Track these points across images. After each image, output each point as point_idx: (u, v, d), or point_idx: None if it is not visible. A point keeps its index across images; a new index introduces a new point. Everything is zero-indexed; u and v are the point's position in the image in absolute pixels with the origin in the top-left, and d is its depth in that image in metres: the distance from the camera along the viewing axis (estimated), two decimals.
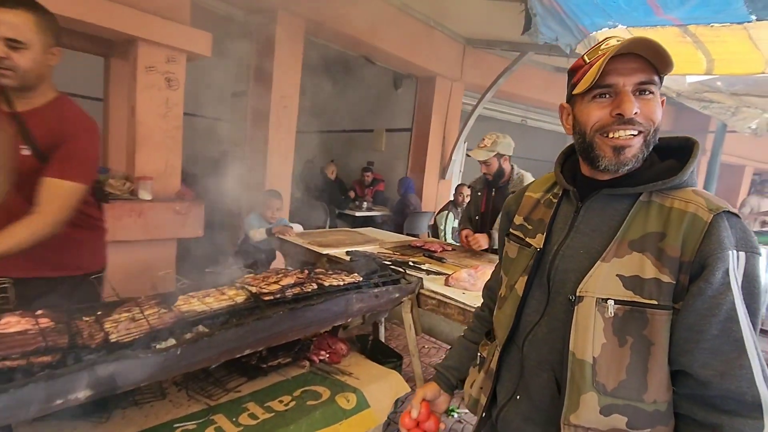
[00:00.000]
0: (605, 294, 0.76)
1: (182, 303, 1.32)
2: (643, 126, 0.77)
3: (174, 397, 1.42)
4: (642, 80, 0.76)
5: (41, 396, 0.94)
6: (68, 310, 1.21)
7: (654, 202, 0.78)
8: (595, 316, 0.76)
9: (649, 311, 0.73)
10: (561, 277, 0.83)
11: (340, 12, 4.19)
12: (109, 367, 1.03)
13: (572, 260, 0.82)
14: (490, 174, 2.67)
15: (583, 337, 0.77)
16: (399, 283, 1.90)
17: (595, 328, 0.76)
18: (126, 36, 2.43)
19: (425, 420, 1.01)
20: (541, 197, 0.97)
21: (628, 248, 0.76)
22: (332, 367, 1.75)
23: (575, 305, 0.78)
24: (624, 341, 0.74)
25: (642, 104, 0.76)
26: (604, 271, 0.77)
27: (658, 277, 0.73)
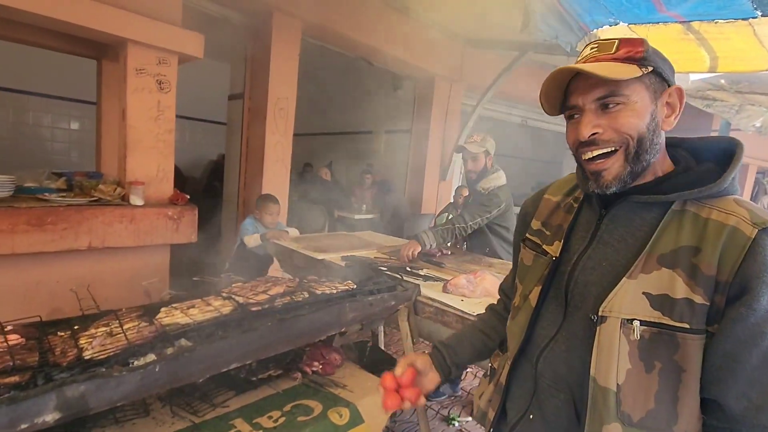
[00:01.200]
0: (630, 314, 0.69)
1: (164, 315, 1.25)
2: (614, 141, 0.72)
3: (158, 413, 1.36)
4: (600, 95, 0.71)
5: (4, 420, 0.87)
6: (42, 324, 1.14)
7: (688, 212, 0.71)
8: (619, 339, 0.69)
9: (680, 335, 0.66)
10: (581, 291, 0.77)
11: (337, 13, 4.14)
12: (79, 387, 0.97)
13: (594, 273, 0.76)
14: (476, 171, 2.67)
15: (606, 363, 0.70)
16: (395, 291, 1.83)
17: (620, 352, 0.69)
18: (115, 38, 2.37)
19: (407, 386, 0.93)
20: (561, 201, 0.90)
21: (657, 263, 0.69)
22: (325, 378, 1.68)
23: (597, 326, 0.72)
24: (651, 367, 0.68)
25: (609, 118, 0.72)
26: (630, 289, 0.70)
27: (691, 297, 0.66)
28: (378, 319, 1.86)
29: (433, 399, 2.83)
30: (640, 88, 0.71)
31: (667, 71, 0.73)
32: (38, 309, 1.36)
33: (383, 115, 6.63)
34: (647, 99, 0.71)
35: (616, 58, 0.71)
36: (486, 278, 1.92)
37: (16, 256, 2.15)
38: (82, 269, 2.42)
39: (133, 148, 2.56)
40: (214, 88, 5.95)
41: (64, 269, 2.36)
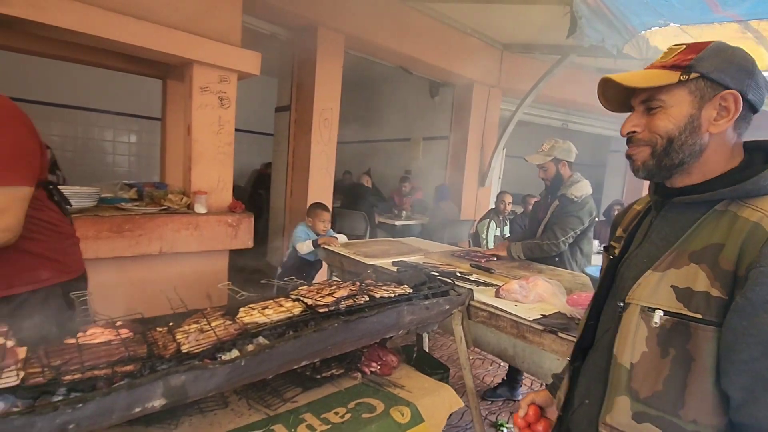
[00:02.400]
0: (653, 303, 0.75)
1: (244, 315, 1.37)
2: (646, 141, 0.79)
3: (235, 406, 1.48)
4: (643, 98, 0.79)
5: (123, 404, 1.00)
6: (143, 321, 1.28)
7: (729, 212, 0.73)
8: (638, 323, 0.76)
9: (693, 325, 0.70)
10: (621, 285, 0.84)
11: (378, 26, 4.27)
12: (181, 377, 1.08)
13: (634, 269, 0.82)
14: (548, 179, 2.66)
15: (623, 342, 0.78)
16: (449, 295, 1.89)
17: (637, 335, 0.76)
18: (183, 59, 2.58)
19: (535, 421, 1.04)
20: (642, 209, 0.95)
21: (688, 259, 0.73)
22: (384, 379, 1.76)
23: (623, 312, 0.80)
24: (666, 353, 0.73)
25: (647, 120, 0.79)
26: (653, 280, 0.76)
27: (709, 290, 0.69)
28: (433, 322, 1.91)
29: (490, 398, 2.86)
30: (681, 93, 0.75)
31: (726, 76, 0.73)
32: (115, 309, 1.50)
33: (421, 122, 6.70)
34: (687, 104, 0.75)
35: (665, 65, 0.77)
36: (539, 284, 1.94)
37: (99, 260, 2.37)
38: (152, 272, 2.62)
39: (197, 160, 2.76)
40: (259, 100, 6.25)
41: (137, 272, 2.57)
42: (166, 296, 1.48)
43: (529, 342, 1.66)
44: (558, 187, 2.65)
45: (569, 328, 1.58)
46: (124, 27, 2.30)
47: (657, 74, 0.76)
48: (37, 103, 5.38)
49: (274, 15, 3.79)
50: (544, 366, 1.71)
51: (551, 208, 2.67)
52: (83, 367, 0.98)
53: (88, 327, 1.16)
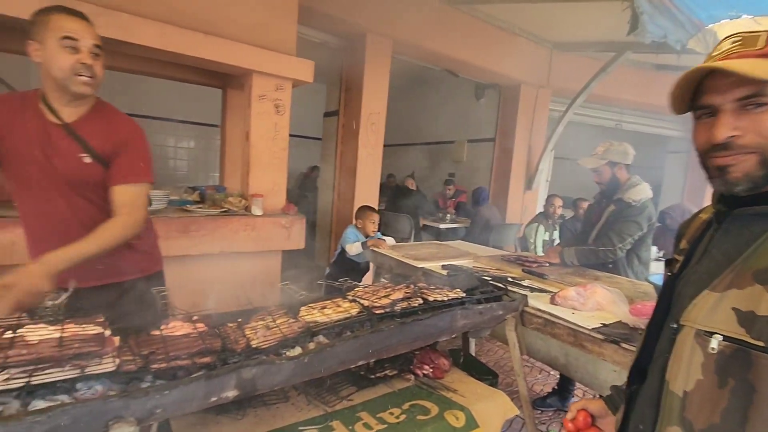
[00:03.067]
0: (710, 327, 0.67)
1: (305, 313, 1.43)
2: (752, 146, 0.66)
3: (295, 401, 1.54)
4: (744, 94, 0.65)
5: (202, 393, 1.08)
6: (214, 315, 1.38)
7: None
8: (692, 348, 0.70)
9: (755, 353, 0.62)
10: (678, 304, 0.77)
11: (425, 30, 4.29)
12: (252, 370, 1.15)
13: (693, 287, 0.74)
14: (602, 183, 2.56)
15: (676, 368, 0.72)
16: (502, 300, 1.87)
17: (692, 361, 0.69)
18: (244, 70, 2.73)
19: (584, 428, 1.01)
20: (708, 218, 0.87)
21: (752, 279, 0.65)
22: (436, 382, 1.76)
23: (676, 334, 0.74)
24: (725, 383, 0.66)
25: (749, 121, 0.66)
26: (710, 302, 0.69)
27: None
28: (486, 327, 1.90)
29: (540, 408, 2.79)
30: None
31: None
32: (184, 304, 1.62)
33: (466, 125, 6.64)
34: None
35: (764, 53, 0.65)
36: (597, 291, 1.87)
37: (167, 258, 2.55)
38: (212, 271, 2.78)
39: (254, 164, 2.91)
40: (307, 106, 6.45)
41: (200, 271, 2.73)
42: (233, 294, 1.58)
43: (588, 351, 1.61)
44: (614, 191, 2.54)
45: (632, 339, 1.52)
46: (196, 42, 2.47)
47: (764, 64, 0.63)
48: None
49: (325, 24, 3.91)
50: (600, 377, 1.65)
51: (606, 213, 2.56)
52: (168, 357, 1.07)
53: (169, 320, 1.26)
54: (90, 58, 1.30)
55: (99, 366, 1.02)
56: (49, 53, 1.26)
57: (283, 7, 2.84)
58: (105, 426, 0.94)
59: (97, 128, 1.39)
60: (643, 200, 2.43)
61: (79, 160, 1.36)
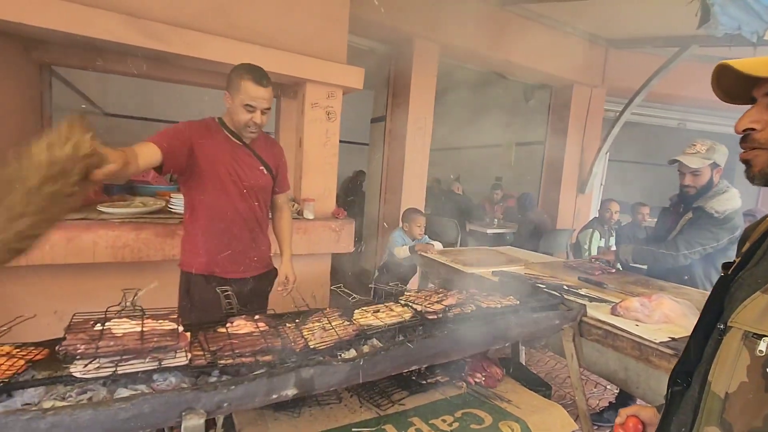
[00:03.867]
0: (760, 329, 0.65)
1: (359, 317, 1.45)
2: (761, 143, 0.68)
3: (348, 402, 1.57)
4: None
5: (264, 390, 1.13)
6: (274, 316, 1.43)
7: None
8: (739, 350, 0.67)
9: None
10: (730, 306, 0.74)
11: (473, 33, 4.24)
12: (310, 370, 1.19)
13: (746, 289, 0.72)
14: (696, 187, 2.22)
15: (721, 369, 0.70)
16: (558, 309, 1.80)
17: (738, 363, 0.67)
18: (297, 79, 2.83)
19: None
20: None
21: None
22: (489, 391, 1.73)
23: (723, 335, 0.71)
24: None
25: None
26: (762, 304, 0.67)
27: None
28: (541, 336, 1.84)
29: (596, 423, 2.65)
30: None
31: None
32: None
33: (514, 127, 6.47)
34: None
35: None
36: (664, 303, 1.76)
37: None
38: None
39: (307, 170, 3.00)
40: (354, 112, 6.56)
41: None
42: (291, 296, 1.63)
43: (656, 367, 1.52)
44: (699, 197, 2.24)
45: None
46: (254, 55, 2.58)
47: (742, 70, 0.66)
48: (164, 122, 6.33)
49: (373, 31, 3.97)
50: (662, 392, 1.54)
51: (682, 222, 2.30)
52: (234, 354, 1.13)
53: (234, 318, 1.33)
54: (259, 118, 1.75)
55: (174, 359, 1.09)
56: (234, 108, 1.74)
57: (335, 17, 2.92)
58: (179, 416, 1.01)
59: (266, 150, 1.92)
60: (728, 212, 2.15)
61: (259, 171, 1.87)
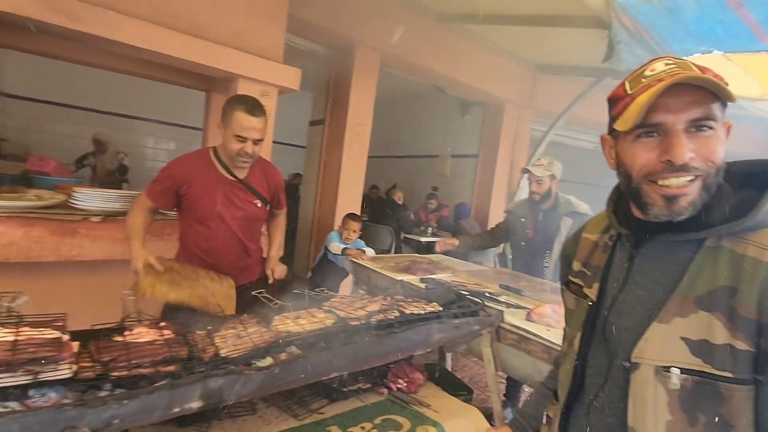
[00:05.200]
0: (666, 361, 0.65)
1: (278, 323, 1.40)
2: (700, 170, 0.65)
3: (263, 413, 1.50)
4: (697, 116, 0.64)
5: (164, 403, 1.03)
6: (184, 323, 1.33)
7: (724, 248, 0.65)
8: (654, 387, 0.65)
9: (724, 386, 0.60)
10: (618, 336, 0.73)
11: (414, 45, 4.35)
12: (219, 380, 1.11)
13: (629, 318, 0.72)
14: (539, 193, 2.66)
15: (641, 412, 0.67)
16: (478, 315, 1.87)
17: (657, 402, 0.65)
18: (229, 74, 2.71)
19: None
20: (599, 239, 0.86)
21: (694, 306, 0.64)
22: (410, 396, 1.74)
23: (631, 373, 0.69)
24: (695, 420, 0.62)
25: (698, 144, 0.65)
26: (661, 334, 0.66)
27: (732, 343, 0.60)
28: (461, 342, 1.90)
29: None
30: (720, 116, 0.66)
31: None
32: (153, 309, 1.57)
33: (451, 139, 6.73)
34: (721, 128, 0.67)
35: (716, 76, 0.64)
36: None
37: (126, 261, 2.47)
38: None
39: None
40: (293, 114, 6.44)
41: None
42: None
43: None
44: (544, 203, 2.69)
45: None
46: (181, 44, 2.44)
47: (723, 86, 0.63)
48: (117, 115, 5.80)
49: (315, 33, 3.93)
50: None
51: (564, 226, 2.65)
52: (130, 365, 1.02)
53: (134, 326, 1.21)
54: (251, 148, 1.77)
55: (55, 372, 0.97)
56: (226, 138, 1.76)
57: (272, 14, 2.84)
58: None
59: (261, 178, 1.95)
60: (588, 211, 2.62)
61: (253, 205, 1.92)
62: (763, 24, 2.20)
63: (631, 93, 0.69)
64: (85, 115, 5.79)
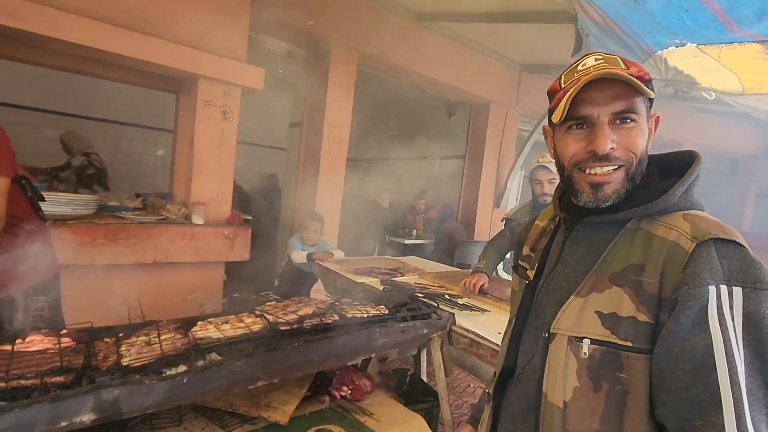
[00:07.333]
0: (579, 332, 0.70)
1: (199, 329, 1.32)
2: (623, 160, 0.70)
3: (189, 424, 1.42)
4: (620, 109, 0.69)
5: (46, 417, 0.96)
6: (93, 330, 1.26)
7: (642, 230, 0.71)
8: (567, 355, 0.70)
9: (624, 354, 0.65)
10: (542, 312, 0.78)
11: (391, 44, 4.29)
12: (114, 391, 1.04)
13: (554, 294, 0.77)
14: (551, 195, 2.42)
15: (554, 379, 0.72)
16: (429, 318, 1.79)
17: (567, 369, 0.70)
18: (189, 74, 2.66)
19: None
20: (546, 225, 0.92)
21: (608, 282, 0.69)
22: (353, 404, 1.66)
23: (548, 343, 0.74)
24: (599, 387, 0.67)
25: (621, 135, 0.70)
26: (577, 307, 0.71)
27: (635, 315, 0.65)
28: (411, 347, 1.82)
29: None
30: (644, 109, 0.71)
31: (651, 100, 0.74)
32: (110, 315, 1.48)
33: (437, 141, 6.66)
34: (646, 121, 0.72)
35: (631, 75, 0.68)
36: None
37: (95, 267, 2.41)
38: (147, 281, 2.64)
39: (198, 171, 2.80)
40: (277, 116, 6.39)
41: (132, 280, 2.59)
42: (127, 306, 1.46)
43: None
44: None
45: None
46: (131, 42, 2.39)
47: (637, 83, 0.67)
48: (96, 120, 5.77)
49: (289, 34, 3.87)
50: None
51: None
52: (7, 376, 0.95)
53: (28, 334, 1.14)
54: None
55: None
56: None
57: (233, 13, 2.79)
58: None
59: None
60: None
61: None
62: (728, 12, 2.11)
63: (564, 87, 0.74)
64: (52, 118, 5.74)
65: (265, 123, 6.34)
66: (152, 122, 6.36)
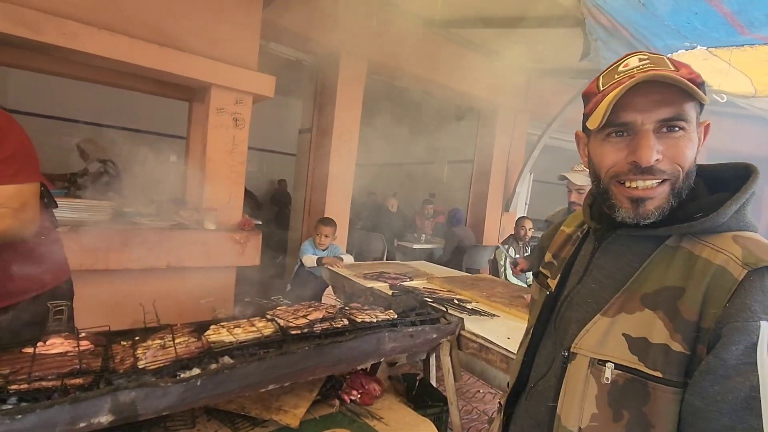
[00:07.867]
0: (603, 354, 0.64)
1: (212, 333, 1.35)
2: (668, 173, 0.63)
3: (203, 426, 1.45)
4: (667, 116, 0.61)
5: (66, 418, 0.99)
6: (110, 334, 1.30)
7: (683, 249, 0.63)
8: (587, 379, 0.65)
9: (651, 384, 0.59)
10: (564, 327, 0.73)
11: (401, 52, 4.33)
12: (131, 393, 1.07)
13: (578, 309, 0.71)
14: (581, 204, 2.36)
15: (570, 402, 0.67)
16: (438, 323, 1.80)
17: (586, 393, 0.65)
18: (202, 83, 2.72)
19: None
20: (573, 233, 0.85)
21: (640, 303, 0.63)
22: (362, 408, 1.67)
23: (568, 363, 0.68)
24: (620, 416, 0.61)
25: (668, 145, 0.62)
26: (603, 327, 0.65)
27: (668, 343, 0.58)
28: (420, 351, 1.82)
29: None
30: (694, 116, 0.63)
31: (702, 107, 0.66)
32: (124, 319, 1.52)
33: (446, 146, 6.67)
34: (695, 129, 0.64)
35: (682, 77, 0.60)
36: None
37: (110, 271, 2.47)
38: (160, 285, 2.69)
39: (211, 177, 2.86)
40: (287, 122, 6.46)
41: (146, 284, 2.64)
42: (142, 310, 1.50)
43: None
44: None
45: None
46: (148, 53, 2.46)
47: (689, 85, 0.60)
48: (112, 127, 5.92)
49: (299, 42, 3.93)
50: None
51: None
52: (30, 378, 0.99)
53: (48, 337, 1.18)
54: None
55: None
56: None
57: (245, 23, 2.85)
58: None
59: None
60: None
61: None
62: (738, 15, 2.10)
63: (602, 90, 0.66)
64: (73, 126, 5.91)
65: (275, 129, 6.42)
66: (165, 129, 6.48)
